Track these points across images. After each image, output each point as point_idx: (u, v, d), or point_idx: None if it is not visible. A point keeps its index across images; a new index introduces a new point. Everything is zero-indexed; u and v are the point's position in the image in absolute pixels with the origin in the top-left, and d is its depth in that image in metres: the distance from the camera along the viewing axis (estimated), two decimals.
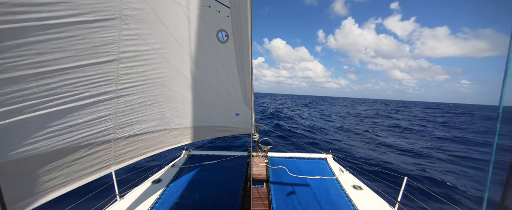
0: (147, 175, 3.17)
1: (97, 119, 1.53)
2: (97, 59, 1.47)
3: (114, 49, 1.57)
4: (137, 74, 1.78)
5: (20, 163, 1.23)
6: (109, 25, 1.51)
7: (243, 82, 2.77)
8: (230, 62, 2.69)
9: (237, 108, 2.88)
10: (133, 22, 1.68)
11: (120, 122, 1.69)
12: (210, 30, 2.48)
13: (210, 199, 2.79)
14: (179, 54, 2.24)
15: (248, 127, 2.98)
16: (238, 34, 2.60)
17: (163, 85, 2.08)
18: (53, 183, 1.40)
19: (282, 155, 4.25)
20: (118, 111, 1.66)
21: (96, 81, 1.49)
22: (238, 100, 2.84)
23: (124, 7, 1.60)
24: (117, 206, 2.49)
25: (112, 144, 1.67)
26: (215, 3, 2.44)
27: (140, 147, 1.93)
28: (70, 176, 1.47)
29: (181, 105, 2.37)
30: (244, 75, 2.74)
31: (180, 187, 2.98)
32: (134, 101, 1.78)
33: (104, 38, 1.49)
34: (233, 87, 2.78)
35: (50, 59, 1.25)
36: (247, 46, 2.67)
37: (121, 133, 1.72)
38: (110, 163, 1.70)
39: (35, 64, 1.19)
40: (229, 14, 2.53)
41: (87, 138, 1.49)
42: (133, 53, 1.72)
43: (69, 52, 1.32)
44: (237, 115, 2.92)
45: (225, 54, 2.64)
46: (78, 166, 1.50)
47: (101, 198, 2.55)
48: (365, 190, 3.12)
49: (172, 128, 2.28)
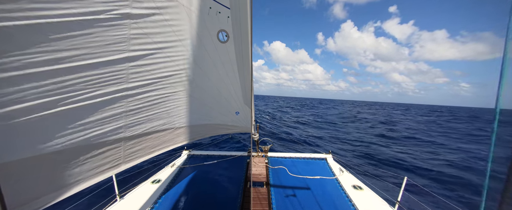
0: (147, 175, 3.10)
1: (109, 117, 1.53)
2: (109, 58, 1.48)
3: (124, 47, 1.58)
4: (145, 72, 1.79)
5: (31, 160, 1.20)
6: (121, 24, 1.52)
7: (243, 81, 2.85)
8: (231, 62, 2.76)
9: (237, 106, 2.94)
10: (142, 21, 1.70)
11: (130, 120, 1.69)
12: (211, 30, 2.54)
13: (210, 199, 2.80)
14: (182, 54, 2.27)
15: (248, 126, 3.05)
16: (238, 34, 2.68)
17: (168, 84, 2.09)
18: (64, 182, 1.37)
19: (282, 155, 4.25)
20: (128, 110, 1.66)
21: (109, 79, 1.49)
22: (238, 99, 2.91)
23: (134, 6, 1.62)
24: (117, 206, 2.43)
25: (123, 143, 1.66)
26: (215, 5, 2.50)
27: (148, 146, 1.93)
28: (81, 175, 1.45)
29: (184, 103, 2.39)
30: (244, 74, 2.82)
31: (180, 187, 2.97)
32: (143, 100, 1.79)
33: (116, 37, 1.50)
34: (233, 86, 2.85)
35: (66, 56, 1.24)
36: (247, 46, 2.76)
37: (131, 132, 1.71)
38: (120, 162, 1.68)
39: (52, 61, 1.18)
40: (230, 15, 2.61)
41: (100, 136, 1.48)
42: (142, 52, 1.73)
43: (83, 50, 1.32)
44: (237, 113, 2.99)
45: (226, 54, 2.71)
46: (90, 164, 1.48)
47: (101, 198, 2.48)
48: (365, 190, 3.15)
49: (176, 126, 2.30)
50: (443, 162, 9.00)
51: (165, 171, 3.31)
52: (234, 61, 2.78)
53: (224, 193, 2.96)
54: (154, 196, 2.64)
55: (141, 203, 2.48)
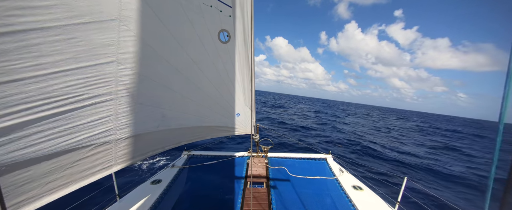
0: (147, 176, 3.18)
1: (98, 120, 1.54)
2: (96, 61, 1.47)
3: (113, 50, 1.56)
4: (136, 75, 1.77)
5: (21, 165, 1.25)
6: (108, 27, 1.50)
7: (244, 83, 2.76)
8: (231, 63, 2.68)
9: (237, 108, 2.87)
10: (133, 23, 1.68)
11: (121, 122, 1.70)
12: (212, 30, 2.46)
13: (210, 199, 2.80)
14: (180, 54, 2.23)
15: (249, 127, 2.97)
16: (240, 34, 2.57)
17: (163, 86, 2.08)
18: (55, 184, 1.42)
19: (282, 155, 4.23)
20: (118, 112, 1.67)
21: (96, 82, 1.49)
22: (238, 101, 2.83)
23: (123, 8, 1.59)
24: (117, 206, 2.51)
25: (113, 145, 1.68)
26: (217, 3, 2.41)
27: (141, 147, 1.94)
28: (72, 177, 1.49)
29: (182, 105, 2.37)
30: (245, 76, 2.72)
31: (180, 187, 3.00)
32: (134, 102, 1.78)
33: (103, 40, 1.49)
34: (234, 88, 2.76)
35: (49, 62, 1.25)
36: (249, 47, 2.64)
37: (122, 134, 1.73)
38: (112, 164, 1.71)
39: (35, 66, 1.20)
40: (231, 14, 2.51)
41: (88, 139, 1.51)
42: (132, 54, 1.71)
43: (68, 55, 1.32)
44: (238, 115, 2.91)
45: (227, 54, 2.62)
46: (80, 167, 1.52)
47: (101, 198, 2.58)
48: (365, 190, 3.10)
49: (172, 128, 2.29)
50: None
51: (165, 172, 3.38)
52: (235, 62, 2.69)
53: (224, 193, 2.95)
54: (154, 196, 2.69)
55: (141, 203, 2.54)
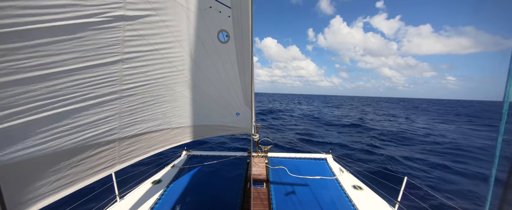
0: (147, 176, 3.16)
1: (103, 119, 1.55)
2: (102, 60, 1.49)
3: (118, 50, 1.58)
4: (140, 74, 1.79)
5: (28, 163, 1.25)
6: (114, 26, 1.52)
7: (244, 82, 2.81)
8: (231, 62, 2.72)
9: (237, 107, 2.91)
10: (137, 23, 1.70)
11: (124, 121, 1.72)
12: (211, 30, 2.50)
13: (210, 199, 2.82)
14: (181, 54, 2.26)
15: (248, 127, 3.02)
16: (239, 34, 2.62)
17: (165, 85, 2.10)
18: (61, 183, 1.42)
19: (282, 155, 4.26)
20: (122, 111, 1.68)
21: (101, 82, 1.50)
22: (238, 100, 2.88)
23: (128, 8, 1.61)
24: (117, 206, 2.49)
25: (117, 143, 1.69)
26: (216, 4, 2.45)
27: (143, 146, 1.96)
28: (77, 175, 1.50)
29: (182, 104, 2.39)
30: (245, 75, 2.77)
31: (180, 187, 3.01)
32: (137, 101, 1.80)
33: (109, 39, 1.50)
34: (234, 87, 2.81)
35: (57, 61, 1.26)
36: (248, 46, 2.70)
37: (125, 133, 1.74)
38: (115, 162, 1.72)
39: (43, 66, 1.21)
40: (230, 15, 2.55)
41: (93, 137, 1.52)
42: (136, 54, 1.73)
43: (75, 54, 1.33)
44: (237, 114, 2.96)
45: (226, 54, 2.66)
46: (85, 165, 1.52)
47: (101, 198, 2.55)
48: (365, 190, 3.13)
49: (173, 127, 2.31)
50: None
51: (165, 172, 3.38)
52: (234, 62, 2.73)
53: (224, 193, 2.97)
54: (154, 196, 2.69)
55: (141, 203, 2.54)
